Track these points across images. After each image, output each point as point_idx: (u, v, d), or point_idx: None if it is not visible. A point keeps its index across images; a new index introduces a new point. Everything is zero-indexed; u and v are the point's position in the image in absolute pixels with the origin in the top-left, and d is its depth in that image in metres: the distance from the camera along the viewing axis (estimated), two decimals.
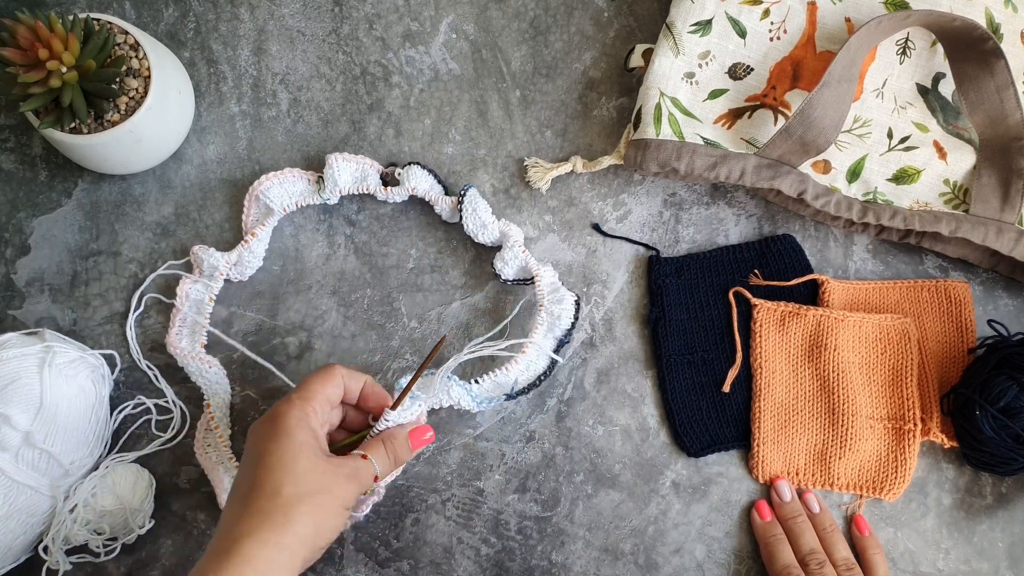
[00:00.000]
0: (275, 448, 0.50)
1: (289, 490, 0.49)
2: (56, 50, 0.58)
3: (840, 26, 0.68)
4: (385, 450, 0.56)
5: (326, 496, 0.50)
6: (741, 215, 0.72)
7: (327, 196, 0.68)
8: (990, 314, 0.71)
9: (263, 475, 0.49)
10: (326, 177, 0.68)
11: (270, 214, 0.68)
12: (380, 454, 0.56)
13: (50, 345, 0.62)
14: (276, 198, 0.68)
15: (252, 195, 0.69)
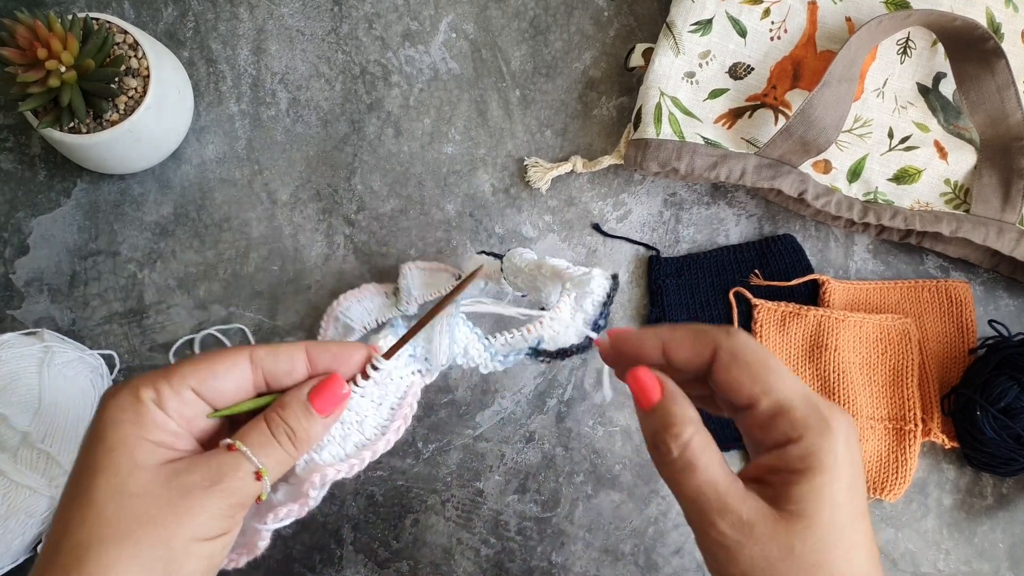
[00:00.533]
0: (86, 463, 0.36)
1: (88, 533, 0.34)
2: (55, 49, 0.57)
3: (841, 26, 0.68)
4: (270, 429, 0.39)
5: (157, 530, 0.34)
6: (741, 215, 0.72)
7: (404, 308, 0.66)
8: (991, 314, 0.71)
9: (62, 508, 0.36)
10: (401, 288, 0.66)
11: (350, 332, 0.67)
12: (261, 437, 0.38)
13: (49, 345, 0.62)
14: (356, 316, 0.67)
15: (331, 316, 0.67)
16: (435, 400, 0.69)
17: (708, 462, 0.37)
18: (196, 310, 0.69)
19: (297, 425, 0.39)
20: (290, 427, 0.39)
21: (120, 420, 0.36)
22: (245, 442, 0.38)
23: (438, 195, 0.71)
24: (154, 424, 0.37)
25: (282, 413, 0.39)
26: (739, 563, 0.36)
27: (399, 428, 0.43)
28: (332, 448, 0.42)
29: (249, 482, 0.38)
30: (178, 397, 0.38)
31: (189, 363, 0.38)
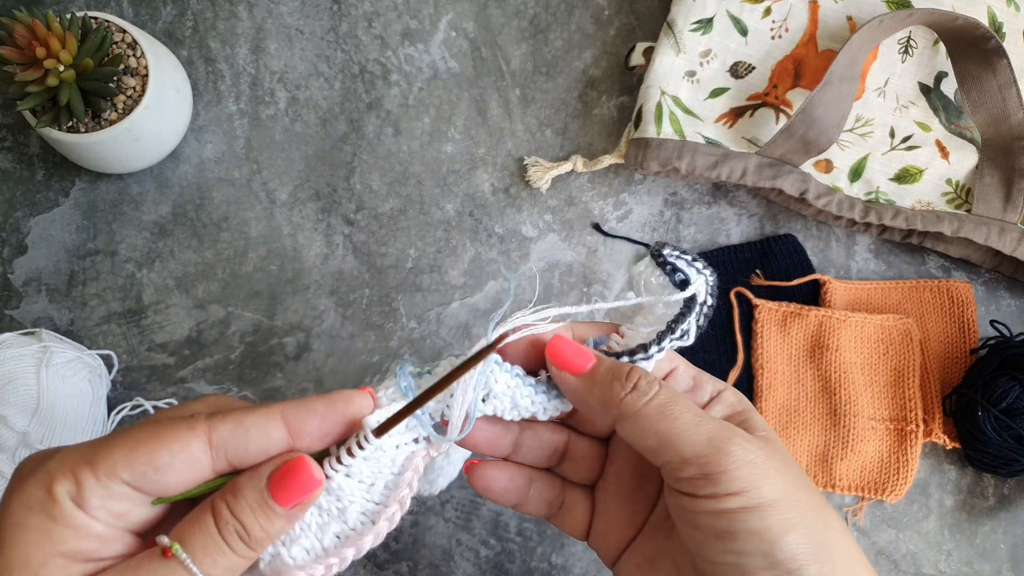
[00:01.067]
0: None
1: None
2: (53, 49, 0.57)
3: (842, 25, 0.68)
4: (218, 527, 0.30)
5: None
6: (743, 215, 0.72)
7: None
8: (992, 314, 0.71)
9: None
10: None
11: None
12: (205, 538, 0.30)
13: (47, 345, 0.62)
14: None
15: None
16: None
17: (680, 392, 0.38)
18: (194, 310, 0.69)
19: (251, 522, 0.30)
20: (242, 524, 0.30)
21: (25, 526, 0.28)
22: (186, 543, 0.29)
23: (438, 194, 0.71)
24: (70, 530, 0.29)
25: (233, 505, 0.30)
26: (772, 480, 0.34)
27: (394, 516, 0.34)
28: (306, 541, 0.33)
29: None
30: (106, 491, 0.29)
31: (122, 445, 0.30)
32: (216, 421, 0.31)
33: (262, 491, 0.31)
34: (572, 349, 0.37)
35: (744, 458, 0.34)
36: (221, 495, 0.31)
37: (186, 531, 0.30)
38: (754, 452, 0.34)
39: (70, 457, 0.29)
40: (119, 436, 0.30)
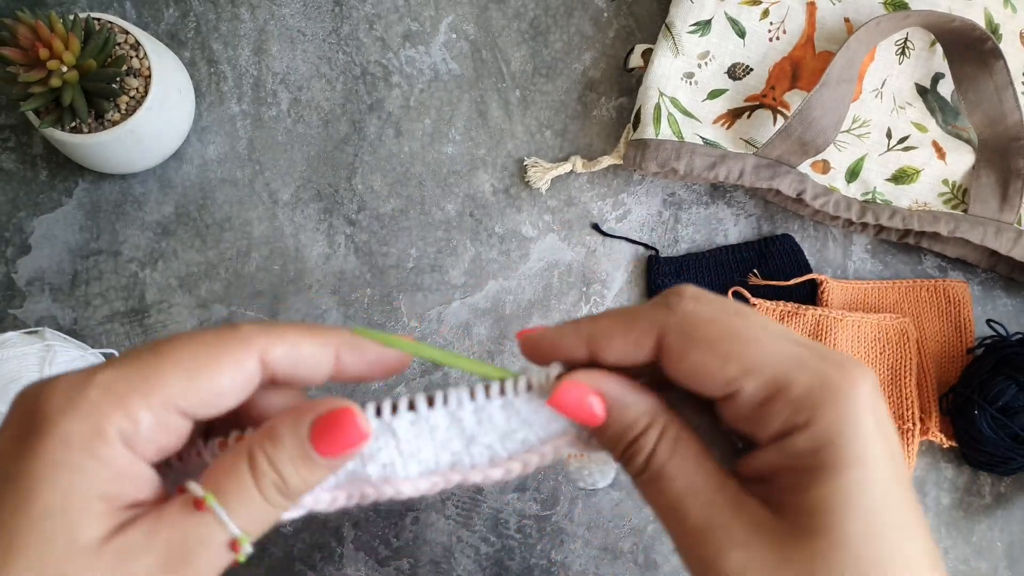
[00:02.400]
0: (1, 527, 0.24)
1: None
2: (56, 50, 0.58)
3: (839, 26, 0.68)
4: (254, 477, 0.28)
5: None
6: (740, 215, 0.72)
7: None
8: (989, 314, 0.71)
9: None
10: None
11: None
12: (240, 486, 0.28)
13: (51, 344, 0.62)
14: None
15: None
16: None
17: (680, 465, 0.29)
18: (197, 309, 0.69)
19: (290, 473, 0.28)
20: (281, 476, 0.28)
21: (64, 465, 0.25)
22: (219, 491, 0.27)
23: (438, 195, 0.71)
24: (114, 471, 0.26)
25: (272, 454, 0.28)
26: None
27: (512, 469, 0.33)
28: (425, 455, 0.33)
29: (222, 555, 0.27)
30: (161, 426, 0.27)
31: (177, 369, 0.27)
32: (272, 340, 0.29)
33: (303, 441, 0.28)
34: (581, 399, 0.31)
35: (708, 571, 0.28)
36: (259, 442, 0.28)
37: (219, 480, 0.27)
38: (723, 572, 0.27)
39: (118, 384, 0.26)
40: (168, 355, 0.27)
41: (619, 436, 0.30)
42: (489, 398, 0.33)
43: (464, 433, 0.33)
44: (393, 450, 0.32)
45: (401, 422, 0.32)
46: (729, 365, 0.28)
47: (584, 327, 0.31)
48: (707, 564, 0.27)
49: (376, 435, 0.32)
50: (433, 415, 0.33)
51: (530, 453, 0.33)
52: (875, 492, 0.26)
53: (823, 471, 0.26)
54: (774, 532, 0.26)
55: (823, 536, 0.25)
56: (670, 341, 0.29)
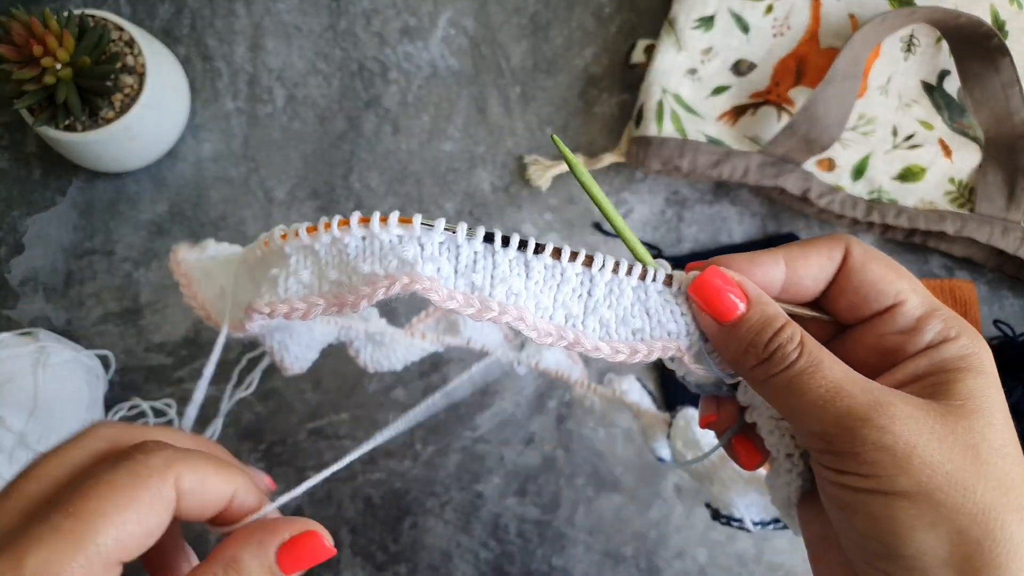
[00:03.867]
0: None
1: None
2: (50, 47, 0.57)
3: (844, 22, 0.67)
4: None
5: None
6: (745, 213, 0.71)
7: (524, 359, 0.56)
8: (996, 314, 0.70)
9: None
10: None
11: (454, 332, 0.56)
12: None
13: (44, 345, 0.62)
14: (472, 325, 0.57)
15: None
16: None
17: (834, 359, 0.31)
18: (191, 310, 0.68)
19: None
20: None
21: None
22: None
23: (437, 193, 0.70)
24: None
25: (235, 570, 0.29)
26: (912, 471, 0.28)
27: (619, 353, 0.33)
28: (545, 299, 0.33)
29: None
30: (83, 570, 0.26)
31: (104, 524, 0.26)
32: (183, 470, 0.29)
33: (271, 566, 0.29)
34: (723, 287, 0.33)
35: (878, 442, 0.29)
36: (215, 563, 0.29)
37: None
38: (898, 435, 0.29)
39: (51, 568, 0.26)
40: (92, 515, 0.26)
41: (761, 327, 0.32)
42: (629, 275, 0.33)
43: (590, 299, 0.33)
44: (521, 283, 0.32)
45: (539, 262, 0.32)
46: (901, 279, 0.33)
47: (776, 251, 0.34)
48: (877, 434, 0.29)
49: (511, 263, 0.32)
50: (571, 268, 0.33)
51: (640, 343, 0.33)
52: (1001, 398, 0.31)
53: (971, 371, 0.31)
54: (934, 410, 0.29)
55: (979, 416, 0.29)
56: (855, 252, 0.33)
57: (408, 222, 0.33)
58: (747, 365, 0.32)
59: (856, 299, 0.33)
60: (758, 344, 0.31)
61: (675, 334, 0.33)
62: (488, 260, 0.32)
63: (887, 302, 0.33)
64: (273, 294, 0.34)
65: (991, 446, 0.29)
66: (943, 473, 0.28)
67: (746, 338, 0.32)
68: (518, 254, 0.32)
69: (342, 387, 0.68)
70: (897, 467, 0.29)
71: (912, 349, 0.32)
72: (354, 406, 0.68)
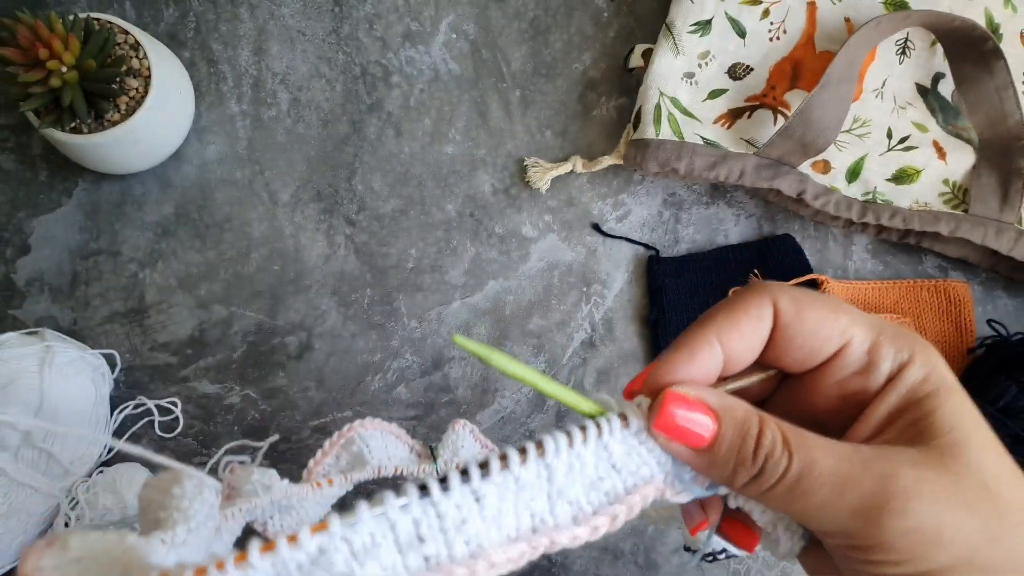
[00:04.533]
0: None
1: None
2: (56, 50, 0.58)
3: (839, 26, 0.68)
4: None
5: None
6: (741, 215, 0.72)
7: (442, 469, 0.51)
8: (989, 314, 0.71)
9: None
10: (445, 445, 0.53)
11: (359, 465, 0.50)
12: None
13: (50, 345, 0.62)
14: (376, 450, 0.52)
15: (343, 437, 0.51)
16: (435, 399, 0.69)
17: (822, 444, 0.29)
18: (197, 310, 0.69)
19: None
20: None
21: None
22: None
23: (438, 195, 0.71)
24: None
25: None
26: (946, 544, 0.27)
27: (599, 529, 0.30)
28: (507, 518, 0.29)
29: None
30: None
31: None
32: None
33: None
34: (684, 413, 0.30)
35: (903, 528, 0.27)
36: None
37: None
38: (920, 513, 0.27)
39: None
40: None
41: (740, 442, 0.29)
42: (586, 442, 0.29)
43: (552, 487, 0.29)
44: (477, 520, 0.28)
45: (489, 484, 0.28)
46: (839, 316, 0.31)
47: (703, 330, 0.31)
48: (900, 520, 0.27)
49: (458, 504, 0.28)
50: (524, 471, 0.29)
51: (617, 505, 0.30)
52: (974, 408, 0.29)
53: (939, 393, 0.29)
54: (928, 461, 0.28)
55: (969, 445, 0.28)
56: (783, 305, 0.31)
57: (323, 527, 0.26)
58: (739, 483, 0.30)
59: (801, 353, 0.31)
60: (744, 461, 0.29)
61: (648, 476, 0.30)
62: (431, 517, 0.27)
63: (834, 347, 0.31)
64: None
65: (996, 475, 0.28)
66: (975, 532, 0.27)
67: (728, 458, 0.30)
68: (463, 488, 0.28)
69: (345, 385, 0.69)
70: (931, 546, 0.27)
71: (874, 386, 0.31)
72: (357, 404, 0.68)
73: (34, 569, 0.26)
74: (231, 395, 0.68)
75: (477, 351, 0.29)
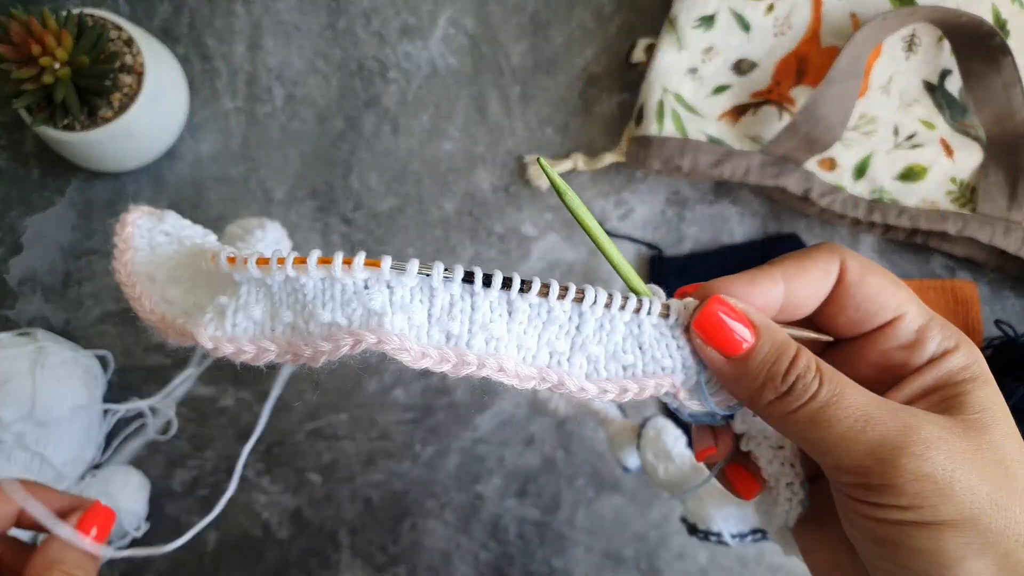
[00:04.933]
0: None
1: None
2: (49, 46, 0.57)
3: (845, 21, 0.67)
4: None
5: None
6: (745, 213, 0.71)
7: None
8: (997, 314, 0.70)
9: None
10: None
11: None
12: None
13: (43, 345, 0.61)
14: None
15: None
16: (433, 402, 0.68)
17: (852, 383, 0.29)
18: None
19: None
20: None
21: None
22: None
23: (436, 193, 0.70)
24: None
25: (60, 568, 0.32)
26: (956, 498, 0.27)
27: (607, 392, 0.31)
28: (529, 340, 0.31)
29: None
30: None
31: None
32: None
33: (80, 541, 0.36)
34: (728, 319, 0.31)
35: (918, 471, 0.28)
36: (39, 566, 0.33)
37: None
38: (937, 462, 0.28)
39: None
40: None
41: (775, 359, 0.30)
42: (623, 309, 0.31)
43: (578, 335, 0.31)
44: (503, 326, 0.30)
45: (524, 302, 0.30)
46: (899, 290, 0.32)
47: (772, 269, 0.33)
48: (917, 463, 0.28)
49: (492, 306, 0.30)
50: (559, 306, 0.30)
51: (630, 381, 0.31)
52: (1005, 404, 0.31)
53: (977, 381, 0.30)
54: (955, 428, 0.29)
55: (996, 427, 0.29)
56: (851, 266, 0.32)
57: (376, 265, 0.29)
58: (764, 400, 0.30)
59: (856, 315, 0.32)
60: (775, 377, 0.30)
61: (669, 369, 0.31)
62: (466, 303, 0.30)
63: (887, 316, 0.32)
64: (220, 326, 0.30)
65: (1014, 458, 0.29)
66: (984, 496, 0.28)
67: (760, 371, 0.30)
68: (501, 294, 0.30)
69: (341, 387, 0.68)
70: (941, 495, 0.27)
71: (916, 363, 0.32)
72: (353, 407, 0.67)
73: (132, 222, 0.34)
74: (225, 397, 0.67)
75: (556, 181, 0.31)
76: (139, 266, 0.33)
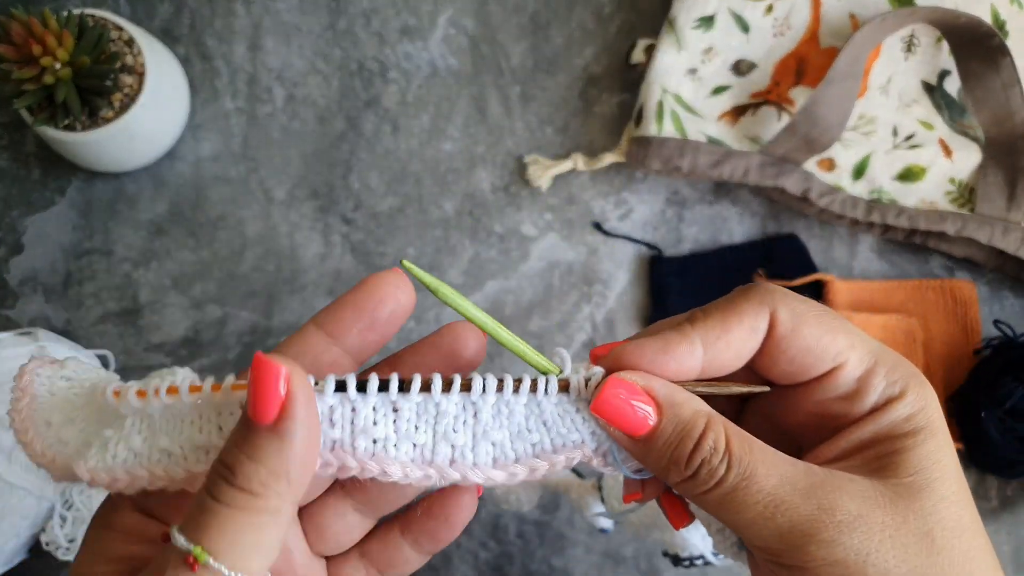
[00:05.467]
0: None
1: None
2: (50, 46, 0.57)
3: (844, 22, 0.67)
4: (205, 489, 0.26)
5: None
6: (745, 213, 0.71)
7: None
8: (996, 314, 0.70)
9: None
10: None
11: None
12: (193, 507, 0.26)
13: (43, 345, 0.62)
14: None
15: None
16: None
17: (768, 460, 0.28)
18: (191, 310, 0.68)
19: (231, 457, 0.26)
20: (226, 465, 0.26)
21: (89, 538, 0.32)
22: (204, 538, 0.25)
23: (436, 193, 0.70)
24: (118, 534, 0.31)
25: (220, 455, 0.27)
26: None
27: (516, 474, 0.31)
28: (422, 437, 0.30)
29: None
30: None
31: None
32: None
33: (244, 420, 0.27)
34: (627, 400, 0.29)
35: (828, 557, 0.27)
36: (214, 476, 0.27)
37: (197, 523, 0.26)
38: (849, 546, 0.27)
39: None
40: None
41: (678, 440, 0.29)
42: (518, 393, 0.30)
43: (477, 423, 0.30)
44: (390, 426, 0.30)
45: (407, 401, 0.30)
46: (838, 337, 0.30)
47: (691, 329, 0.30)
48: (826, 551, 0.27)
49: (376, 408, 0.30)
50: (445, 400, 0.30)
51: (537, 460, 0.30)
52: (952, 456, 0.29)
53: (919, 435, 0.29)
54: (881, 498, 0.28)
55: (931, 492, 0.28)
56: (782, 318, 0.30)
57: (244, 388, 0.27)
58: (672, 481, 0.29)
59: (790, 368, 0.30)
60: (679, 460, 0.28)
61: (578, 441, 0.30)
62: (346, 409, 0.29)
63: (825, 367, 0.30)
64: (101, 459, 0.30)
65: (946, 527, 0.28)
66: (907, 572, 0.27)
67: (664, 453, 0.29)
68: (381, 397, 0.30)
69: None
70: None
71: (855, 414, 0.30)
72: None
73: (31, 371, 0.33)
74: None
75: (425, 280, 0.31)
76: (36, 413, 0.32)
